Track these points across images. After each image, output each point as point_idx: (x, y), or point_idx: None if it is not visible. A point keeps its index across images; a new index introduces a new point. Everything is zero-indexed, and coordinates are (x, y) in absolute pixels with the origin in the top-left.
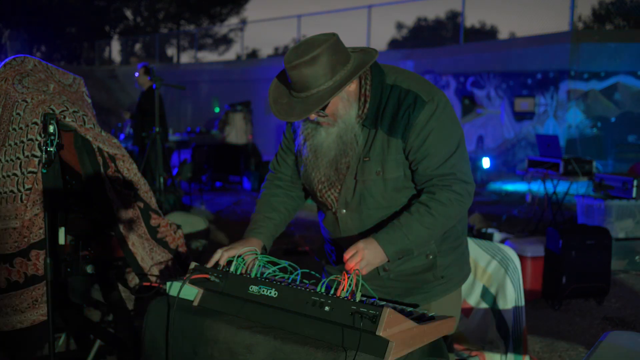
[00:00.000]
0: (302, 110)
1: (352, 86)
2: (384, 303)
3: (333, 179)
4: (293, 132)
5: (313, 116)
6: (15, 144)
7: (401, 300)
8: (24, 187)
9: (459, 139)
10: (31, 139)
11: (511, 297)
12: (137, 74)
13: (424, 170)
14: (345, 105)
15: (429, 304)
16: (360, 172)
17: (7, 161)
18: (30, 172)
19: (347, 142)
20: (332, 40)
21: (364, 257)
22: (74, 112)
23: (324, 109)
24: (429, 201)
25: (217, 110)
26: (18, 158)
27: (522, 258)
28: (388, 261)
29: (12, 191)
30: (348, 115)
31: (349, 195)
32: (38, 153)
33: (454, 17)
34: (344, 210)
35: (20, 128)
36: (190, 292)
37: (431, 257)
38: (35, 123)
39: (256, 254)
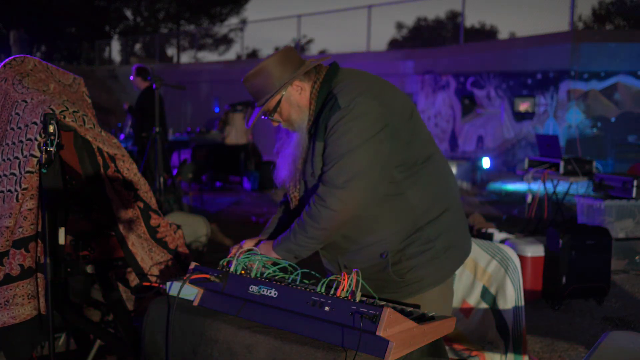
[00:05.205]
0: (254, 115)
1: (304, 94)
2: (384, 303)
3: (295, 180)
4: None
5: (275, 123)
6: (14, 143)
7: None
8: (20, 186)
9: (357, 147)
10: (30, 139)
11: (511, 297)
12: (132, 77)
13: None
14: (296, 112)
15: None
16: (304, 174)
17: (3, 160)
18: (27, 171)
19: (298, 146)
20: (279, 53)
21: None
22: (74, 112)
23: (274, 113)
24: (307, 207)
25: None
26: (16, 158)
27: (522, 258)
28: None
29: (9, 190)
30: (301, 122)
31: (303, 195)
32: (37, 153)
33: (454, 17)
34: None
35: (19, 128)
36: (190, 292)
37: (385, 256)
38: (35, 123)
39: (257, 254)
